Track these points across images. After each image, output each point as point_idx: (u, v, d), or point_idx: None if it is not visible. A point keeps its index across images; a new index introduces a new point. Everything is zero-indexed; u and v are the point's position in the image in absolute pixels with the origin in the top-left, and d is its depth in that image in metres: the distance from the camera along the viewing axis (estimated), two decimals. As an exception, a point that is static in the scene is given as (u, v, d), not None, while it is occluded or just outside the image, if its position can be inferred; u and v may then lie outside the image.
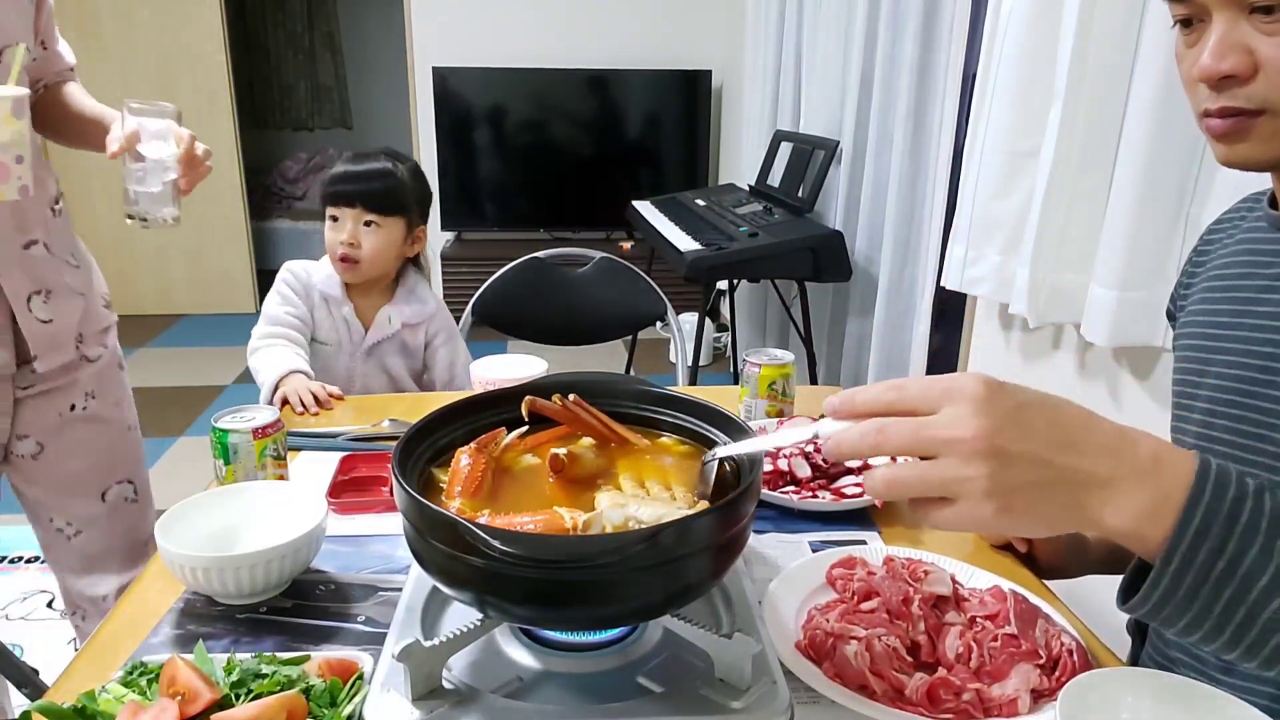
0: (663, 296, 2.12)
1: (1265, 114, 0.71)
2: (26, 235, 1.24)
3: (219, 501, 0.98)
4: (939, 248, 2.21)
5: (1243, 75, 0.70)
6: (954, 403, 0.56)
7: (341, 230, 1.68)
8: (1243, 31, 0.69)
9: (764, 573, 0.95)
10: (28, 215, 1.24)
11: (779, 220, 2.85)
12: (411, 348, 1.78)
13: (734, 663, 0.69)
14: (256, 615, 0.88)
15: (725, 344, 4.25)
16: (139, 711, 0.68)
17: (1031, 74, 1.61)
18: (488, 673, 0.73)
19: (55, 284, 1.29)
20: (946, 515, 0.57)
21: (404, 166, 1.73)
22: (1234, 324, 0.83)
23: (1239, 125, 0.72)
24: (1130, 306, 1.42)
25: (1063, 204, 1.55)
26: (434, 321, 1.80)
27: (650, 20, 4.47)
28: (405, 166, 1.74)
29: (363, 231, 1.67)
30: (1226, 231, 0.91)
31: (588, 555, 0.65)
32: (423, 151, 4.58)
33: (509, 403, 0.87)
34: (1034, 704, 0.75)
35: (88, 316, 1.36)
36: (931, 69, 2.32)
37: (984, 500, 0.55)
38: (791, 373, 1.33)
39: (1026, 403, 0.57)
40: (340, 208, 1.68)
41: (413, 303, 1.77)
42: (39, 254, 1.26)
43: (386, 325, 1.74)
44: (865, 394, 0.60)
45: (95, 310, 1.38)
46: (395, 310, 1.75)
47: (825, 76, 2.90)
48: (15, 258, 1.23)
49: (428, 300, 1.80)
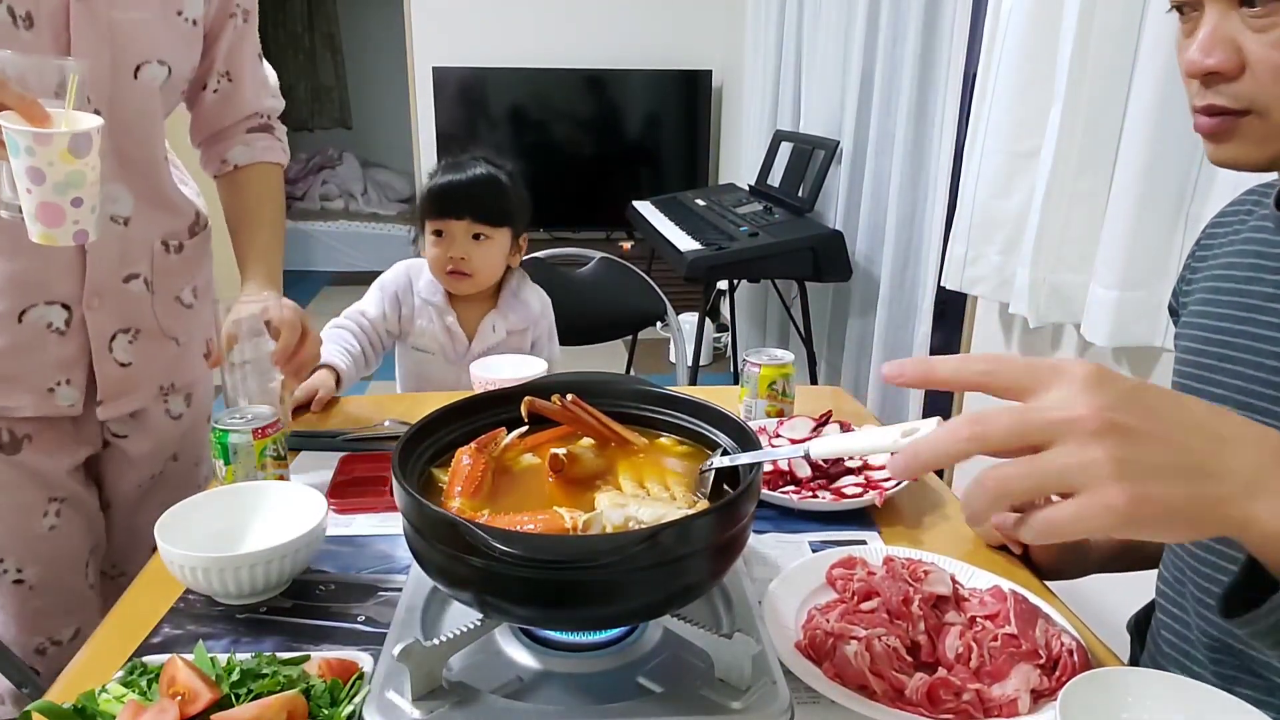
0: (663, 296, 2.12)
1: (1251, 114, 0.69)
2: (128, 269, 1.16)
3: (219, 501, 0.98)
4: (939, 247, 2.21)
5: (1229, 73, 0.68)
6: (1061, 384, 0.48)
7: (449, 245, 1.56)
8: (1233, 25, 0.68)
9: (764, 573, 0.95)
10: (133, 247, 1.17)
11: (779, 220, 2.85)
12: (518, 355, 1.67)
13: (734, 663, 0.69)
14: (256, 615, 0.88)
15: (725, 344, 4.25)
16: (139, 711, 0.68)
17: (1031, 74, 1.61)
18: (488, 673, 0.73)
19: (147, 325, 1.21)
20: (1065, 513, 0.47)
21: (505, 173, 1.62)
22: (1240, 330, 0.81)
23: (1225, 125, 0.70)
24: (1130, 306, 1.42)
25: (1063, 204, 1.55)
26: (539, 324, 1.70)
27: (650, 20, 4.47)
28: (506, 173, 1.63)
29: (471, 244, 1.56)
30: (1231, 227, 0.89)
31: (588, 555, 0.65)
32: (423, 151, 4.58)
33: (509, 403, 0.87)
34: (1034, 704, 0.75)
35: (180, 365, 1.27)
36: (932, 69, 2.32)
37: (1113, 485, 0.45)
38: (792, 373, 1.33)
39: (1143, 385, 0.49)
40: (446, 220, 1.56)
41: (517, 308, 1.66)
42: (137, 290, 1.18)
43: (491, 334, 1.64)
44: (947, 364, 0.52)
45: (192, 360, 1.28)
46: (500, 318, 1.65)
47: (825, 76, 2.91)
48: (111, 291, 1.15)
49: (532, 302, 1.69)
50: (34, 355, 1.13)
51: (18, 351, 1.12)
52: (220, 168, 1.33)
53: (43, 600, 1.20)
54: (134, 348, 1.20)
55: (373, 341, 1.61)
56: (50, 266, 1.10)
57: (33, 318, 1.11)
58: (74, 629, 1.24)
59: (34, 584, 1.19)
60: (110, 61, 1.08)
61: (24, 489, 1.16)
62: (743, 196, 3.24)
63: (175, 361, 1.27)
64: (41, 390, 1.14)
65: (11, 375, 1.12)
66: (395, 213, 5.89)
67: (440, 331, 1.63)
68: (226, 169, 1.33)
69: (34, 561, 1.18)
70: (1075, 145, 1.51)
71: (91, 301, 1.14)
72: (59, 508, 1.20)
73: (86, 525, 1.24)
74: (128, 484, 1.28)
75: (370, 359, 1.60)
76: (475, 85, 4.50)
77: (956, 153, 2.16)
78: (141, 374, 1.22)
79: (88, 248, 1.11)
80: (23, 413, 1.14)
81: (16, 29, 1.01)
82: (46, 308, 1.12)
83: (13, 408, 1.13)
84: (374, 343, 1.62)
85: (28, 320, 1.11)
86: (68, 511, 1.21)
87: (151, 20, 1.11)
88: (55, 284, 1.11)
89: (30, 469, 1.17)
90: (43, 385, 1.14)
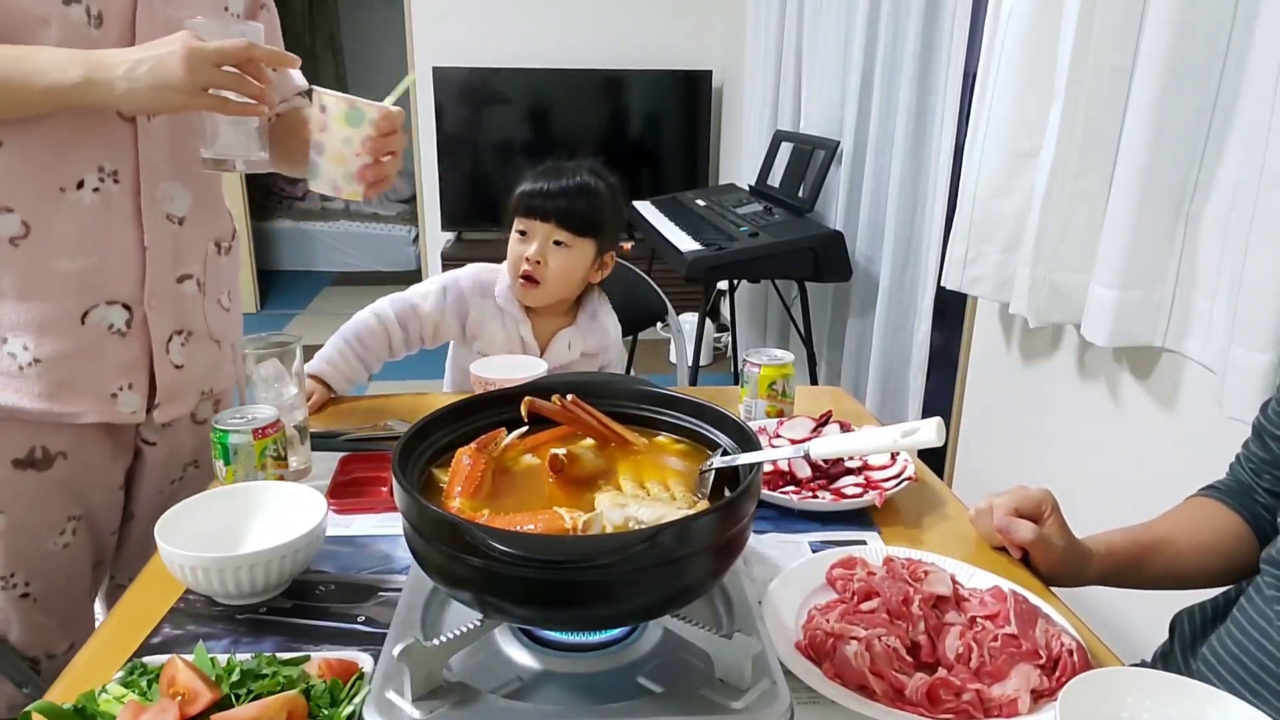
0: (663, 296, 2.11)
1: None
2: (182, 269, 1.17)
3: (219, 501, 0.98)
4: (939, 247, 2.21)
5: None
6: None
7: (529, 244, 1.53)
8: None
9: (764, 573, 0.95)
10: (187, 247, 1.17)
11: (779, 220, 2.85)
12: None
13: (734, 663, 0.69)
14: (256, 615, 0.88)
15: (725, 344, 4.25)
16: (139, 712, 0.68)
17: (1031, 74, 1.61)
18: (488, 673, 0.73)
19: (197, 326, 1.21)
20: None
21: (604, 184, 1.58)
22: None
23: None
24: (1130, 306, 1.41)
25: (1063, 204, 1.55)
26: (611, 350, 1.66)
27: (650, 21, 4.47)
28: (605, 184, 1.59)
29: (550, 249, 1.53)
30: None
31: (588, 555, 0.65)
32: (423, 151, 4.58)
33: (509, 403, 0.87)
34: (1034, 704, 0.75)
35: (219, 370, 1.26)
36: (932, 69, 2.32)
37: None
38: (792, 373, 1.33)
39: None
40: (531, 221, 1.54)
41: (595, 331, 1.63)
42: (190, 291, 1.19)
43: (565, 352, 1.60)
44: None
45: (226, 365, 1.27)
46: (576, 336, 1.61)
47: (825, 76, 2.91)
48: (168, 291, 1.15)
49: (609, 327, 1.66)
50: (96, 359, 1.11)
51: (80, 355, 1.10)
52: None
53: (43, 614, 1.20)
54: (186, 350, 1.19)
55: (406, 340, 1.56)
56: (110, 266, 1.10)
57: (95, 319, 1.10)
58: (68, 644, 1.23)
59: (38, 598, 1.18)
60: None
61: (49, 507, 1.16)
62: (743, 197, 3.24)
63: (216, 365, 1.26)
64: (105, 396, 1.12)
65: (74, 380, 1.10)
66: (395, 213, 5.88)
67: (514, 339, 1.58)
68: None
69: (40, 576, 1.17)
70: (1075, 145, 1.51)
71: (151, 301, 1.13)
72: (76, 525, 1.19)
73: (95, 542, 1.24)
74: (152, 491, 1.27)
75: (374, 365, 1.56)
76: (476, 85, 4.50)
77: (956, 153, 2.16)
78: (191, 377, 1.21)
79: (147, 246, 1.11)
80: (85, 419, 1.12)
81: (89, 26, 1.03)
82: (108, 308, 1.11)
83: (74, 414, 1.11)
84: (406, 342, 1.56)
85: (90, 322, 1.10)
86: (83, 529, 1.20)
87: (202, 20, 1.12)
88: (115, 283, 1.11)
89: (61, 485, 1.15)
90: (105, 391, 1.12)
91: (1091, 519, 1.47)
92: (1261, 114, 1.17)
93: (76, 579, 1.22)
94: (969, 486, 2.07)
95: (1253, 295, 1.17)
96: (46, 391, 1.09)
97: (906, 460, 1.18)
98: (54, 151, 1.04)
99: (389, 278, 5.46)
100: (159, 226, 1.13)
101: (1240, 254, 1.20)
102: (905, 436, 0.71)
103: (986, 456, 2.03)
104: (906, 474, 1.14)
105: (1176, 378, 1.44)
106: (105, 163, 1.07)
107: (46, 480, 1.14)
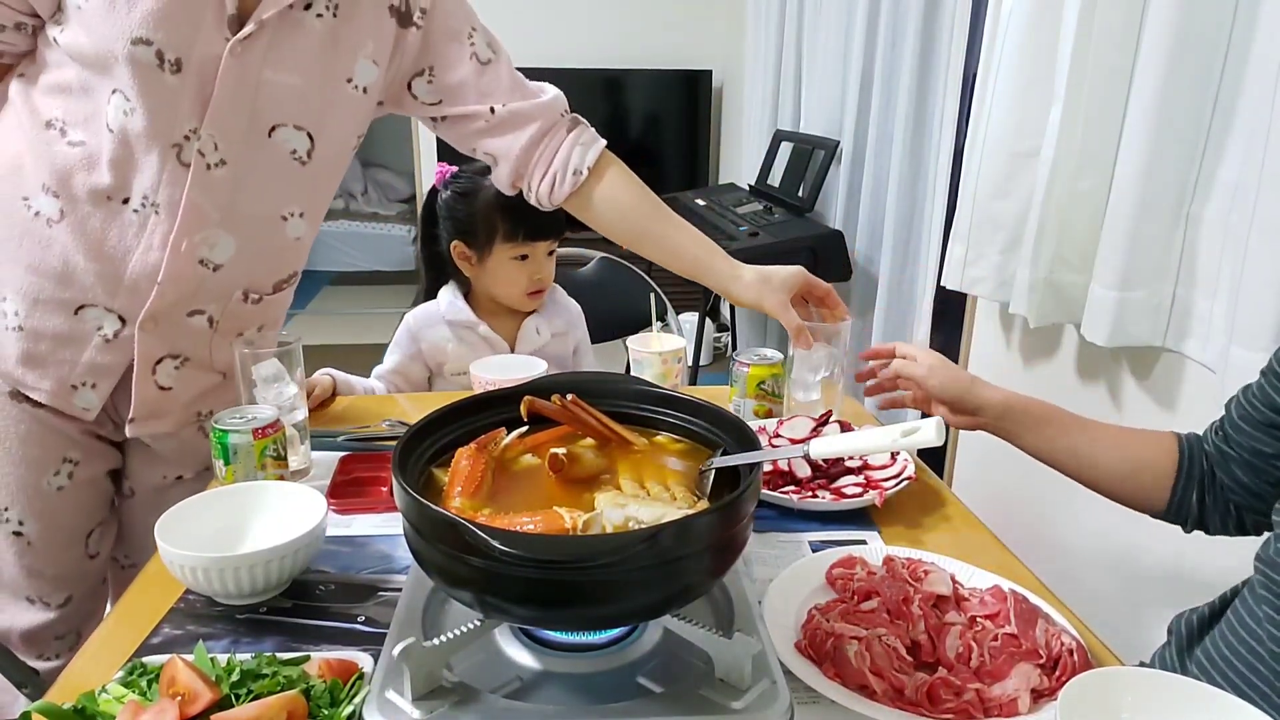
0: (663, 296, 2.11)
1: None
2: (194, 305, 1.16)
3: (219, 501, 0.98)
4: (939, 248, 2.21)
5: None
6: None
7: (537, 267, 1.59)
8: None
9: (764, 573, 0.95)
10: (209, 291, 1.16)
11: (779, 220, 2.85)
12: (560, 359, 1.67)
13: (734, 663, 0.69)
14: (256, 615, 0.88)
15: (725, 344, 4.25)
16: (139, 712, 0.68)
17: (1031, 74, 1.61)
18: (488, 673, 0.73)
19: (197, 356, 1.20)
20: None
21: None
22: None
23: None
24: (1130, 306, 1.42)
25: (1063, 204, 1.55)
26: (578, 327, 1.71)
27: (651, 20, 4.47)
28: None
29: (548, 261, 1.62)
30: None
31: (588, 555, 0.65)
32: (423, 152, 4.58)
33: (509, 403, 0.87)
34: (1034, 704, 0.75)
35: (222, 395, 1.25)
36: (931, 69, 2.32)
37: None
38: (781, 372, 1.33)
39: None
40: (534, 243, 1.59)
41: (560, 312, 1.67)
42: (198, 324, 1.17)
43: (535, 337, 1.64)
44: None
45: (229, 393, 1.24)
46: (543, 321, 1.64)
47: (825, 76, 2.91)
48: (170, 320, 1.15)
49: (570, 306, 1.70)
50: (74, 349, 1.13)
51: (62, 340, 1.12)
52: (558, 184, 1.34)
53: (37, 559, 1.21)
54: (178, 374, 1.19)
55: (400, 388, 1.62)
56: (121, 280, 1.11)
57: (88, 315, 1.12)
58: (65, 596, 1.24)
59: (32, 540, 1.19)
60: (248, 118, 1.08)
61: (40, 442, 1.17)
62: (743, 196, 3.24)
63: (217, 390, 1.25)
64: (65, 385, 1.14)
65: (46, 358, 1.13)
66: (395, 213, 5.88)
67: (476, 346, 1.61)
68: (576, 180, 1.33)
69: (36, 518, 1.19)
70: (1075, 145, 1.51)
71: (146, 324, 1.13)
72: (71, 470, 1.20)
73: (96, 499, 1.25)
74: (154, 475, 1.28)
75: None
76: (475, 85, 4.49)
77: (956, 153, 2.16)
78: (179, 398, 1.21)
79: (160, 281, 1.11)
80: (38, 397, 1.15)
81: (162, 71, 1.02)
82: (105, 313, 1.12)
83: (35, 389, 1.14)
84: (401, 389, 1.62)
85: (82, 315, 1.12)
86: (79, 476, 1.21)
87: (305, 87, 1.11)
88: (118, 297, 1.12)
89: (49, 424, 1.17)
90: (68, 380, 1.14)
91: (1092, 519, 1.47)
92: (1261, 114, 1.17)
93: (73, 531, 1.23)
94: (969, 486, 2.07)
95: (1252, 295, 1.17)
96: (18, 355, 1.12)
97: (906, 460, 1.18)
98: (112, 168, 1.06)
99: (388, 277, 5.47)
100: (184, 267, 1.11)
101: (1240, 254, 1.20)
102: (905, 436, 0.71)
103: (986, 456, 2.03)
104: (906, 474, 1.14)
105: (1176, 378, 1.45)
106: (150, 194, 1.07)
107: (36, 416, 1.16)
